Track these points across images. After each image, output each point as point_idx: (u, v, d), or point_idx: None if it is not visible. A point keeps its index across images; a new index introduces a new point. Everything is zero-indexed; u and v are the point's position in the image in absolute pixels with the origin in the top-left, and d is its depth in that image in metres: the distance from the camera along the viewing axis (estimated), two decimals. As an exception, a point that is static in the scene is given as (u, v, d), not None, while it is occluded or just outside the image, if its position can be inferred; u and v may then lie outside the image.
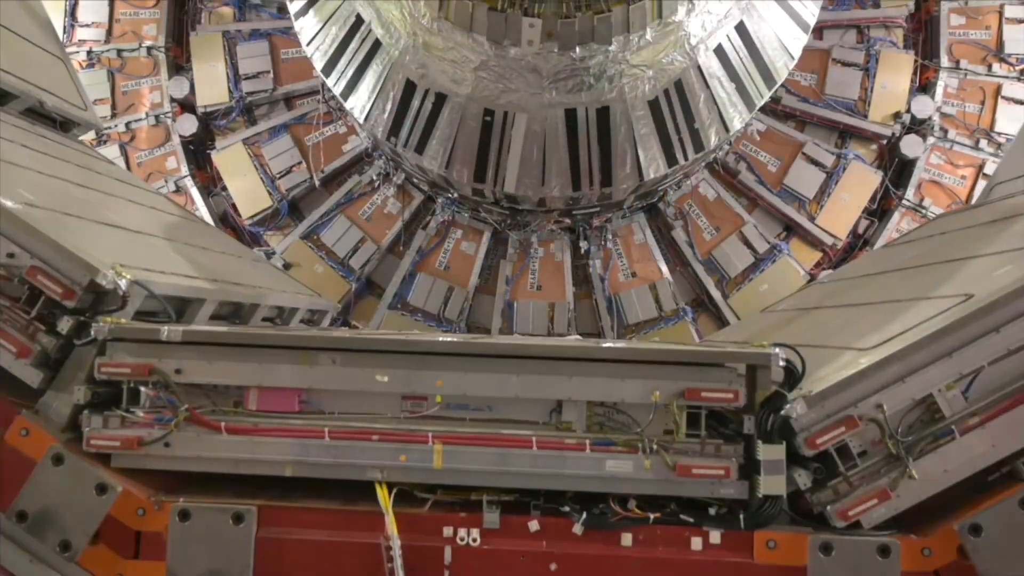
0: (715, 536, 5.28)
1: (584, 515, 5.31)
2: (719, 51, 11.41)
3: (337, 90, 12.17)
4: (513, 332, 13.77)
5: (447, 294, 13.86)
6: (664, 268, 13.77)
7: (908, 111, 13.96)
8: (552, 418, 5.51)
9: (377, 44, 11.64)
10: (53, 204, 6.38)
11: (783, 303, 9.96)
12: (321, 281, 14.05)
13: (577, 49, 10.58)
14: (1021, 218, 6.96)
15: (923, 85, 14.19)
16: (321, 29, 12.12)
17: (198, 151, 14.78)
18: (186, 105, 14.71)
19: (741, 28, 11.43)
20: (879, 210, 14.18)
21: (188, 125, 14.43)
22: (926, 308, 5.68)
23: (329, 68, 12.16)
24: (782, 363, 5.19)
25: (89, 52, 14.70)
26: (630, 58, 10.88)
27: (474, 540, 5.27)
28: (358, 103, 12.08)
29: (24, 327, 5.42)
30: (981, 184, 13.93)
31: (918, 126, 14.01)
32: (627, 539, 5.30)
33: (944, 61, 14.13)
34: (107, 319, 5.41)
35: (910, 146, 13.80)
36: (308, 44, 12.29)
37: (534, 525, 5.31)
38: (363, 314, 14.23)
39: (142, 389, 5.43)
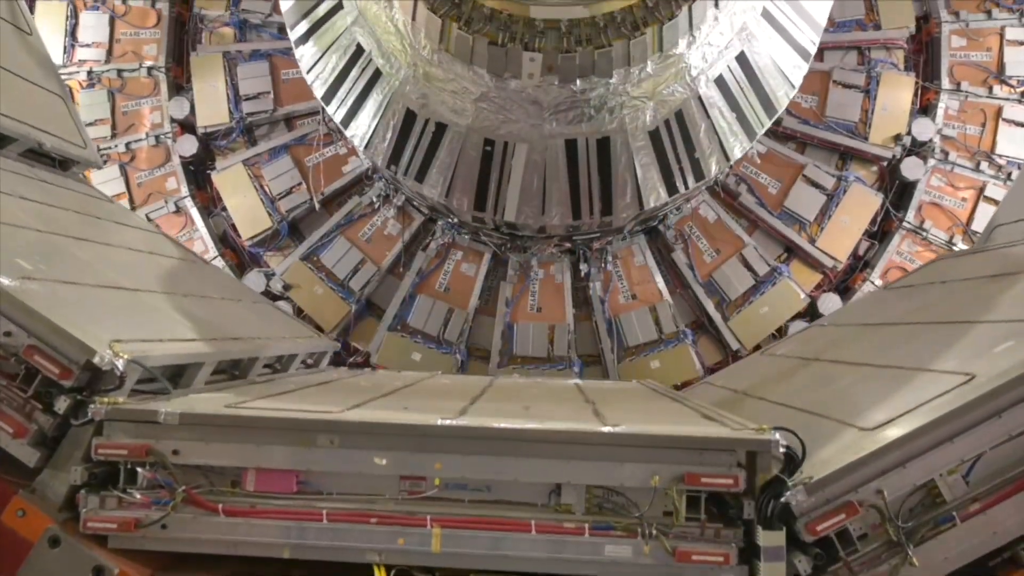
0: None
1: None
2: (720, 81, 11.37)
3: (337, 118, 12.15)
4: (513, 354, 13.73)
5: (447, 316, 13.83)
6: (664, 290, 13.74)
7: (909, 133, 13.91)
8: (551, 499, 5.50)
9: (377, 73, 11.61)
10: (51, 269, 6.35)
11: (784, 345, 9.94)
12: (321, 303, 14.08)
13: (577, 82, 10.54)
14: (1022, 277, 6.91)
15: (924, 107, 14.13)
16: (321, 57, 12.09)
17: (198, 171, 14.74)
18: (186, 125, 14.66)
19: (742, 58, 11.40)
20: (880, 232, 14.15)
21: (188, 146, 14.39)
22: (927, 383, 5.65)
23: (329, 96, 12.13)
24: (782, 449, 5.16)
25: (89, 72, 14.66)
26: (631, 90, 10.84)
27: (472, 622, 5.26)
28: (358, 131, 12.06)
29: (21, 406, 5.40)
30: (982, 206, 13.94)
31: (919, 148, 13.89)
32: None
33: (945, 83, 14.09)
34: (104, 400, 5.38)
35: (911, 168, 13.76)
36: (308, 72, 12.25)
37: (532, 609, 5.30)
38: (363, 335, 14.20)
39: (139, 470, 5.40)
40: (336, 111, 12.09)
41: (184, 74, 14.94)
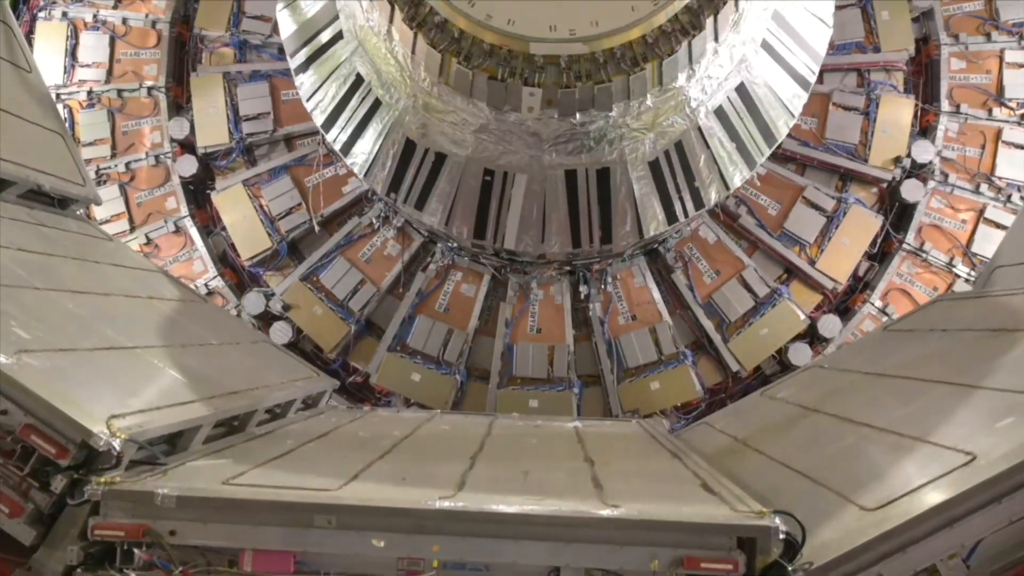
0: None
1: None
2: (719, 112, 11.40)
3: (337, 146, 12.18)
4: (513, 375, 13.72)
5: (447, 336, 13.82)
6: (664, 311, 13.72)
7: (908, 155, 13.90)
8: (550, 581, 5.49)
9: (377, 103, 11.64)
10: (49, 335, 6.34)
11: (784, 388, 9.91)
12: (320, 323, 14.07)
13: (577, 115, 10.55)
14: (1022, 336, 6.90)
15: (923, 128, 14.09)
16: (321, 86, 12.11)
17: (198, 191, 14.73)
18: (186, 145, 14.62)
19: (741, 89, 11.42)
20: (879, 253, 14.12)
21: (188, 166, 14.39)
22: (928, 459, 5.64)
23: (329, 124, 12.14)
24: (782, 535, 5.16)
25: (89, 92, 14.65)
26: (630, 122, 10.86)
27: None
28: (358, 159, 12.09)
29: (17, 484, 5.40)
30: (982, 228, 13.93)
31: (918, 170, 13.86)
32: None
33: (944, 105, 14.07)
34: (101, 480, 5.37)
35: (910, 191, 13.76)
36: (308, 100, 12.27)
37: None
38: (362, 355, 14.21)
39: (136, 550, 5.39)
40: (336, 139, 12.12)
41: (184, 94, 14.91)
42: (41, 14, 14.97)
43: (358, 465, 6.66)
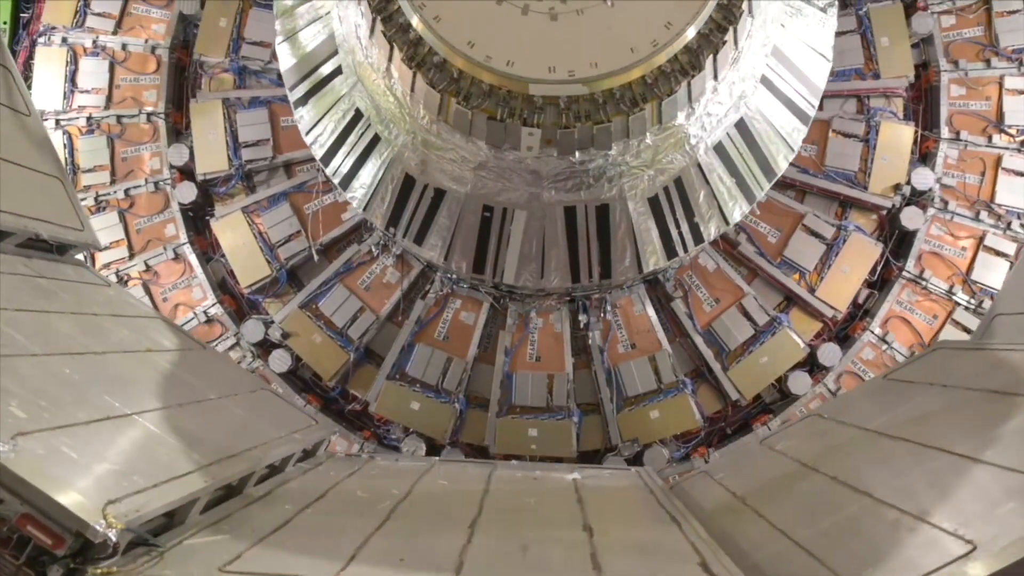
0: None
1: None
2: (719, 148, 11.41)
3: (336, 179, 12.19)
4: (512, 403, 13.73)
5: (446, 364, 13.83)
6: (664, 340, 13.71)
7: (908, 183, 13.87)
8: None
9: (376, 138, 11.66)
10: (46, 411, 6.32)
11: (783, 439, 9.87)
12: (319, 351, 14.07)
13: (576, 154, 10.57)
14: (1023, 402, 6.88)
15: (923, 154, 14.08)
16: (320, 120, 12.11)
17: (197, 216, 14.69)
18: (186, 171, 14.59)
19: (741, 125, 11.43)
20: (879, 280, 14.07)
21: (187, 193, 14.38)
22: (928, 545, 5.62)
23: (328, 158, 12.16)
24: None
25: (89, 118, 14.64)
26: (630, 160, 10.87)
27: None
28: (357, 193, 12.11)
29: (13, 573, 5.37)
30: (982, 256, 13.93)
31: (918, 197, 13.84)
32: None
33: (944, 132, 14.05)
34: (97, 571, 5.36)
35: (910, 218, 13.76)
36: (307, 133, 12.28)
37: None
38: (361, 383, 14.21)
39: (133, 645, 5.40)
40: (335, 173, 12.14)
41: (184, 119, 14.89)
42: (41, 40, 14.97)
43: (356, 539, 6.63)
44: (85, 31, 15.05)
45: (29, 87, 14.94)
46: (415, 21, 10.21)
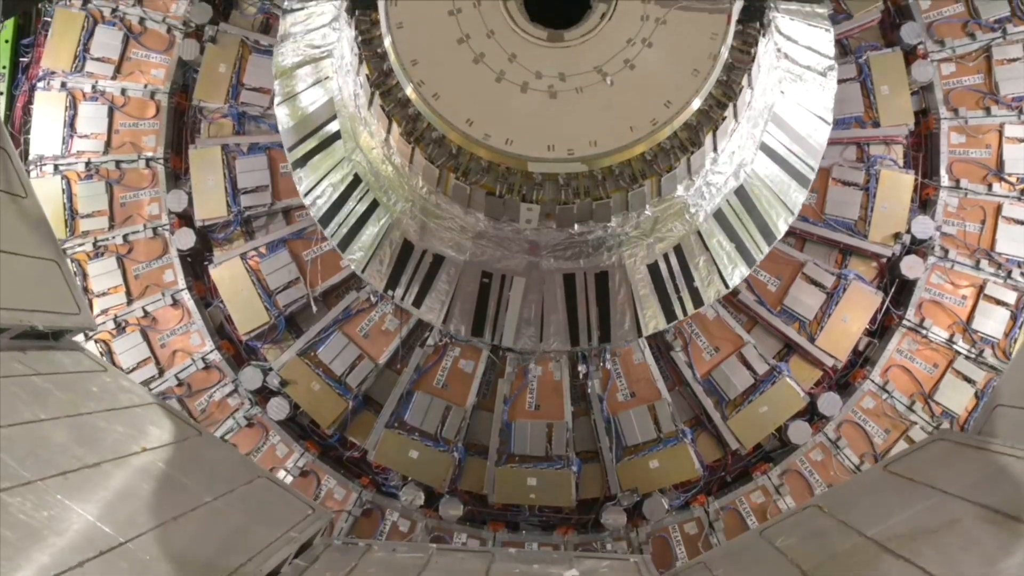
0: None
1: None
2: (719, 215, 11.42)
3: (334, 241, 12.21)
4: (511, 452, 13.73)
5: (445, 413, 13.82)
6: (663, 389, 13.71)
7: (908, 231, 13.82)
8: None
9: (375, 203, 11.69)
10: (37, 561, 6.31)
11: (781, 532, 9.84)
12: (318, 399, 14.08)
13: (576, 226, 10.54)
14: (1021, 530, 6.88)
15: (923, 201, 14.07)
16: (318, 183, 12.11)
17: (195, 261, 14.68)
18: (184, 217, 14.56)
19: (740, 191, 11.44)
20: (880, 327, 14.09)
21: (186, 239, 14.37)
22: None
23: (326, 220, 12.17)
24: None
25: (87, 163, 14.64)
26: (629, 231, 10.89)
27: None
28: (355, 256, 12.13)
29: None
30: (982, 304, 13.92)
31: (918, 245, 13.84)
32: None
33: (944, 179, 14.03)
34: None
35: (910, 267, 13.76)
36: (305, 195, 12.27)
37: None
38: (360, 430, 14.25)
39: None
40: (333, 235, 12.14)
41: (183, 164, 14.85)
42: (40, 84, 14.96)
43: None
44: (84, 76, 15.01)
45: (28, 131, 14.98)
46: (414, 97, 10.19)
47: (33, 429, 7.77)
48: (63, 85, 15.10)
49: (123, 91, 15.04)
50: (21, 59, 15.47)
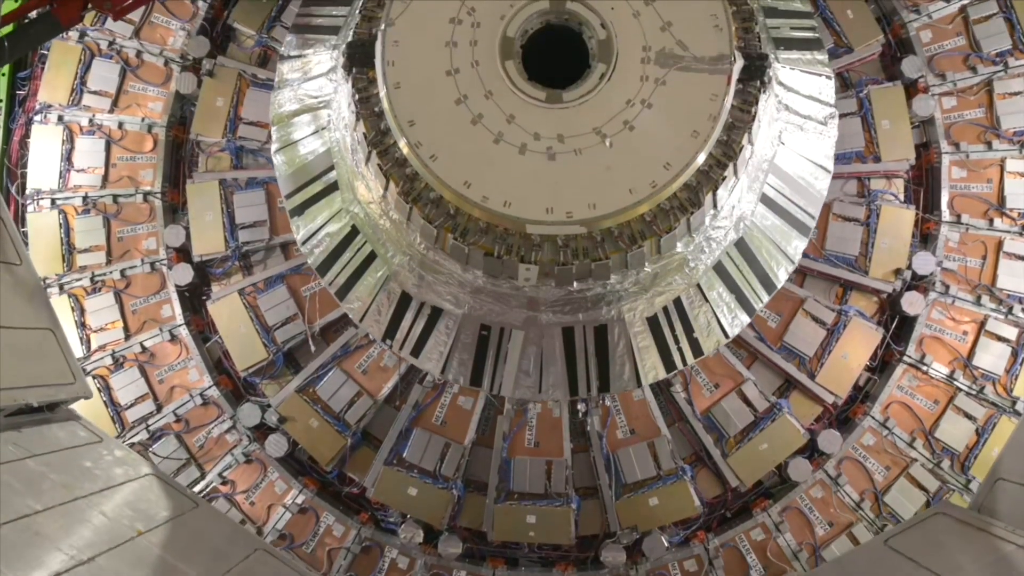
0: None
1: None
2: (719, 267, 11.39)
3: (332, 290, 12.14)
4: (511, 490, 13.69)
5: (443, 450, 13.75)
6: (663, 426, 13.64)
7: (909, 267, 13.74)
8: None
9: (372, 255, 11.65)
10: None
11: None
12: (316, 436, 14.02)
13: (575, 284, 10.47)
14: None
15: (924, 235, 13.99)
16: (316, 233, 12.05)
17: (193, 296, 14.60)
18: (182, 251, 14.47)
19: (740, 244, 11.41)
20: (880, 363, 14.02)
21: (183, 275, 14.29)
22: None
23: (324, 269, 12.14)
24: None
25: (85, 197, 14.56)
26: (628, 287, 10.81)
27: None
28: (353, 306, 12.07)
29: None
30: (983, 341, 13.85)
31: (919, 281, 13.78)
32: None
33: (945, 214, 13.95)
34: None
35: (911, 304, 13.69)
36: (303, 244, 12.19)
37: None
38: (359, 465, 14.16)
39: None
40: (331, 284, 12.08)
41: (180, 198, 14.75)
42: (37, 118, 14.88)
43: None
44: (81, 109, 14.92)
45: (25, 165, 14.86)
46: (411, 158, 10.14)
47: (28, 524, 7.73)
48: (60, 119, 15.02)
49: (120, 124, 14.95)
50: (18, 92, 15.36)
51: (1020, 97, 14.31)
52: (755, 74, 10.40)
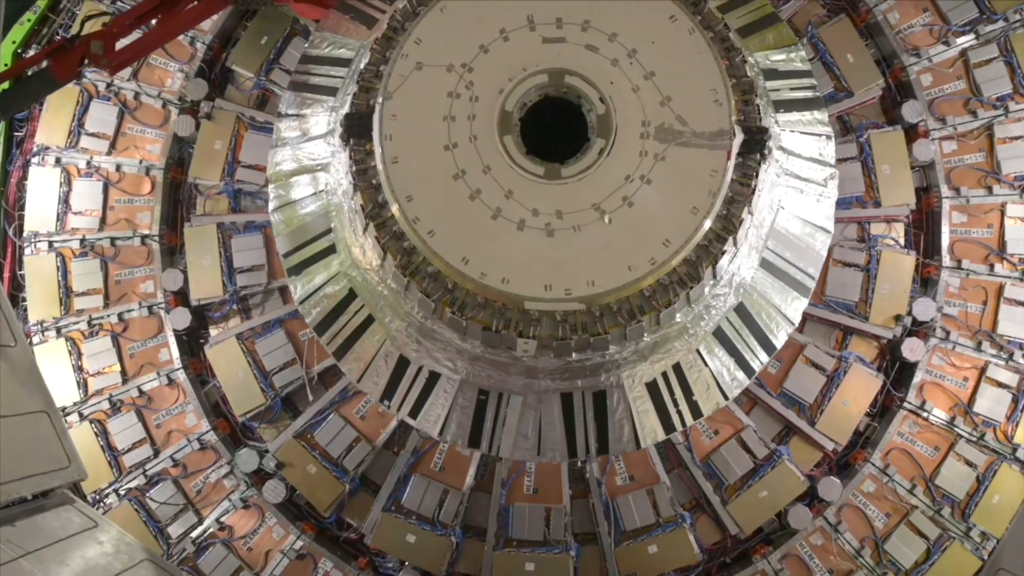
0: None
1: None
2: (718, 332, 11.35)
3: (330, 349, 12.06)
4: (509, 537, 13.68)
5: (442, 496, 13.74)
6: (662, 472, 13.63)
7: (910, 313, 13.70)
8: None
9: (370, 319, 11.57)
10: None
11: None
12: (314, 482, 13.99)
13: (574, 354, 10.43)
14: None
15: (924, 280, 13.93)
16: (313, 294, 11.98)
17: (191, 339, 14.54)
18: (180, 295, 14.42)
19: (740, 309, 11.36)
20: (880, 409, 13.97)
21: (181, 320, 14.25)
22: None
23: (322, 329, 12.06)
24: None
25: (82, 240, 14.48)
26: (628, 356, 10.76)
27: None
28: (351, 367, 11.99)
29: None
30: (984, 387, 13.80)
31: (919, 327, 13.72)
32: None
33: (946, 259, 13.88)
34: None
35: (911, 350, 13.65)
36: (301, 304, 12.12)
37: None
38: (358, 510, 14.14)
39: None
40: (328, 344, 11.99)
41: (178, 240, 14.67)
42: (35, 160, 14.78)
43: None
44: (79, 151, 14.84)
45: (22, 207, 14.82)
46: (409, 233, 10.09)
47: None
48: (58, 160, 14.94)
49: (118, 167, 14.87)
50: (15, 133, 15.30)
51: (1021, 141, 14.23)
52: (755, 147, 10.34)
